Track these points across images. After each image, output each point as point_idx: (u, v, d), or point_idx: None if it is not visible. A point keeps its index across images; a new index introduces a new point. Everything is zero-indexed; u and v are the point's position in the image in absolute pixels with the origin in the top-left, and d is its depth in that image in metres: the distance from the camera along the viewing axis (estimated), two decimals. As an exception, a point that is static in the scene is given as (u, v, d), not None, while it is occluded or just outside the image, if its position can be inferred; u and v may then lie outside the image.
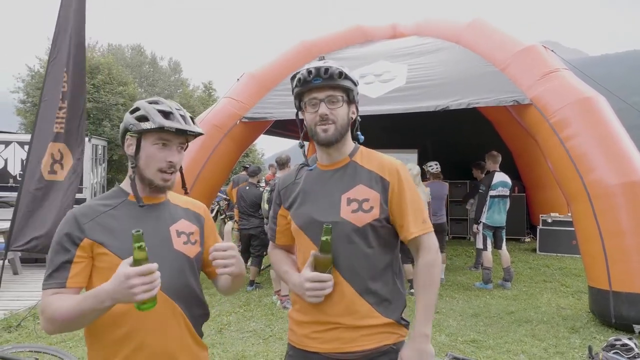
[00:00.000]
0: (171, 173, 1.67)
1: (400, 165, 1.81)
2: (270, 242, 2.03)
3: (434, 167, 7.77)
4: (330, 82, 1.72)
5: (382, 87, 7.02)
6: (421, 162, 8.64)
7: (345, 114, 1.77)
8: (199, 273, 1.79)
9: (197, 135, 1.70)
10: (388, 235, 1.78)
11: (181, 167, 1.74)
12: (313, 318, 1.75)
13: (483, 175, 8.03)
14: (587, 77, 6.90)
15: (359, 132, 1.89)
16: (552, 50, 6.70)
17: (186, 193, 1.84)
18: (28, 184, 5.05)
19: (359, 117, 1.88)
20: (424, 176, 7.83)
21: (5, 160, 13.71)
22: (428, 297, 1.72)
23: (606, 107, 5.70)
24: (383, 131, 11.61)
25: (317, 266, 1.68)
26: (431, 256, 1.75)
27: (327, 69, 1.70)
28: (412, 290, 6.50)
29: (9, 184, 13.17)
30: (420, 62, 7.33)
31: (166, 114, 1.63)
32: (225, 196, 12.49)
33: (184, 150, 1.74)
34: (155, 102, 1.67)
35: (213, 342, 4.78)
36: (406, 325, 1.81)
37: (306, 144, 1.92)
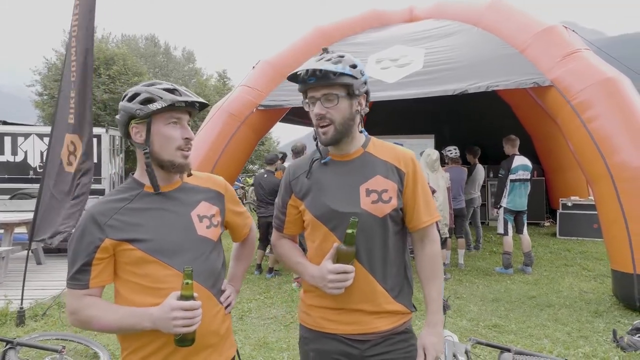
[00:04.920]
0: (188, 150, 1.65)
1: (414, 155, 1.85)
2: (275, 232, 1.99)
3: (452, 151, 7.71)
4: (325, 82, 1.68)
5: (399, 71, 6.92)
6: (438, 147, 8.54)
7: (346, 110, 1.72)
8: (223, 252, 1.82)
9: (201, 109, 1.69)
10: (402, 224, 1.83)
11: None
12: (332, 304, 1.77)
13: (477, 160, 8.09)
14: (610, 57, 6.73)
15: (363, 129, 1.85)
16: (574, 31, 6.55)
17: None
18: (49, 176, 5.08)
19: (366, 109, 1.82)
20: (442, 161, 7.77)
21: (25, 152, 13.88)
22: (438, 285, 1.82)
23: (630, 87, 5.57)
24: (399, 117, 11.49)
25: (339, 258, 1.68)
26: (437, 246, 1.85)
27: (321, 70, 1.66)
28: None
29: (29, 176, 13.35)
30: (437, 46, 7.21)
31: (171, 91, 1.61)
32: (242, 184, 12.56)
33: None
34: (153, 84, 1.64)
35: (235, 329, 4.82)
36: (414, 311, 1.86)
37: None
